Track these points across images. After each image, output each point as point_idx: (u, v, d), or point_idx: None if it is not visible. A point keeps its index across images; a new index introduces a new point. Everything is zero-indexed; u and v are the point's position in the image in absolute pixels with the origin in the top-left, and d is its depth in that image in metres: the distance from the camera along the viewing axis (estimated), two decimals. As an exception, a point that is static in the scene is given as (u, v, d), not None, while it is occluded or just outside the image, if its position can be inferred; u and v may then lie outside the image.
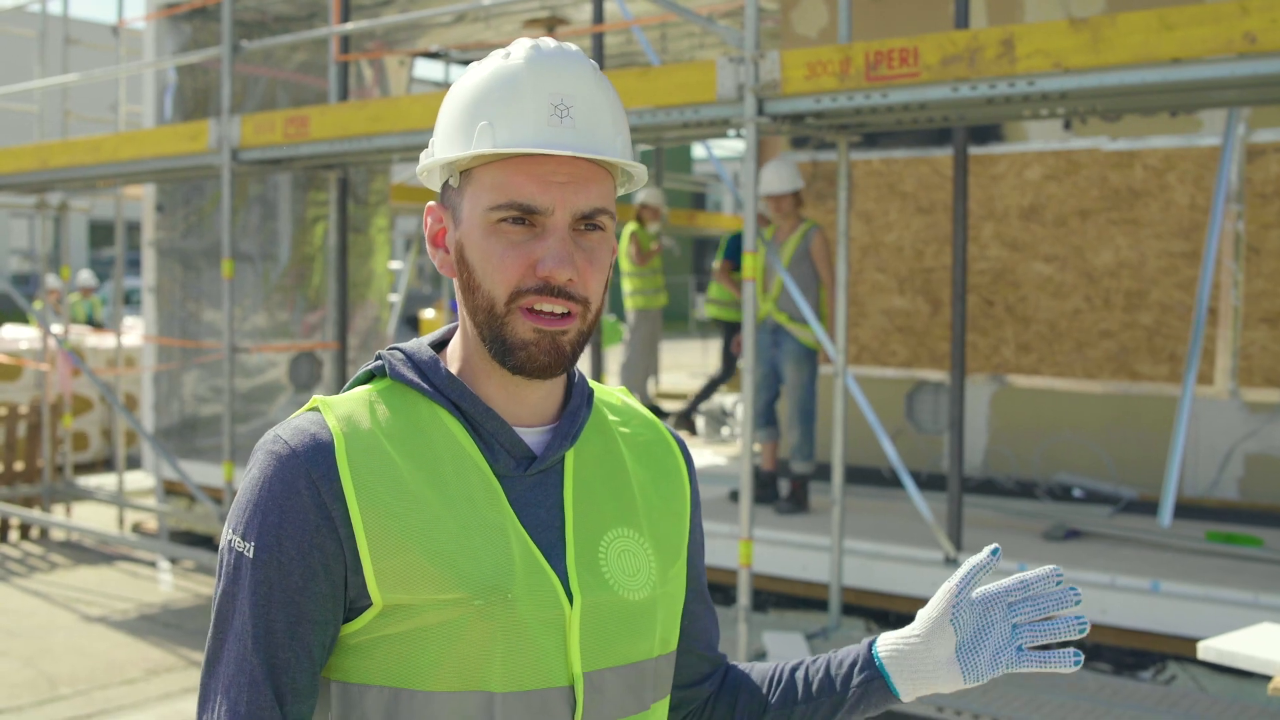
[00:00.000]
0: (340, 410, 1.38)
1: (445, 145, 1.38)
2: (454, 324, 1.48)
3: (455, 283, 1.42)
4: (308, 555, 1.32)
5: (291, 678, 1.32)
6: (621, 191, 1.44)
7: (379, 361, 1.45)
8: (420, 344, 1.46)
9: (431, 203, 1.44)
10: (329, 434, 1.35)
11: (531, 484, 1.40)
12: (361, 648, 1.34)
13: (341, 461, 1.33)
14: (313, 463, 1.33)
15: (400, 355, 1.44)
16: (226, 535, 1.36)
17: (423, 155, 1.44)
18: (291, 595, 1.32)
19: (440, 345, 1.48)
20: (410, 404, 1.40)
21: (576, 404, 1.46)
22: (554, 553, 1.38)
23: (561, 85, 1.35)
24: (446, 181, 1.42)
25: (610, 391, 1.56)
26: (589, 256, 1.36)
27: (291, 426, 1.37)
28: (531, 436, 1.42)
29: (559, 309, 1.35)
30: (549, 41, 1.38)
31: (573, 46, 1.38)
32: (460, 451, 1.38)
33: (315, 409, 1.39)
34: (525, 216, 1.34)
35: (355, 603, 1.34)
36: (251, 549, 1.32)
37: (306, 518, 1.32)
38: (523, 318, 1.34)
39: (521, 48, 1.37)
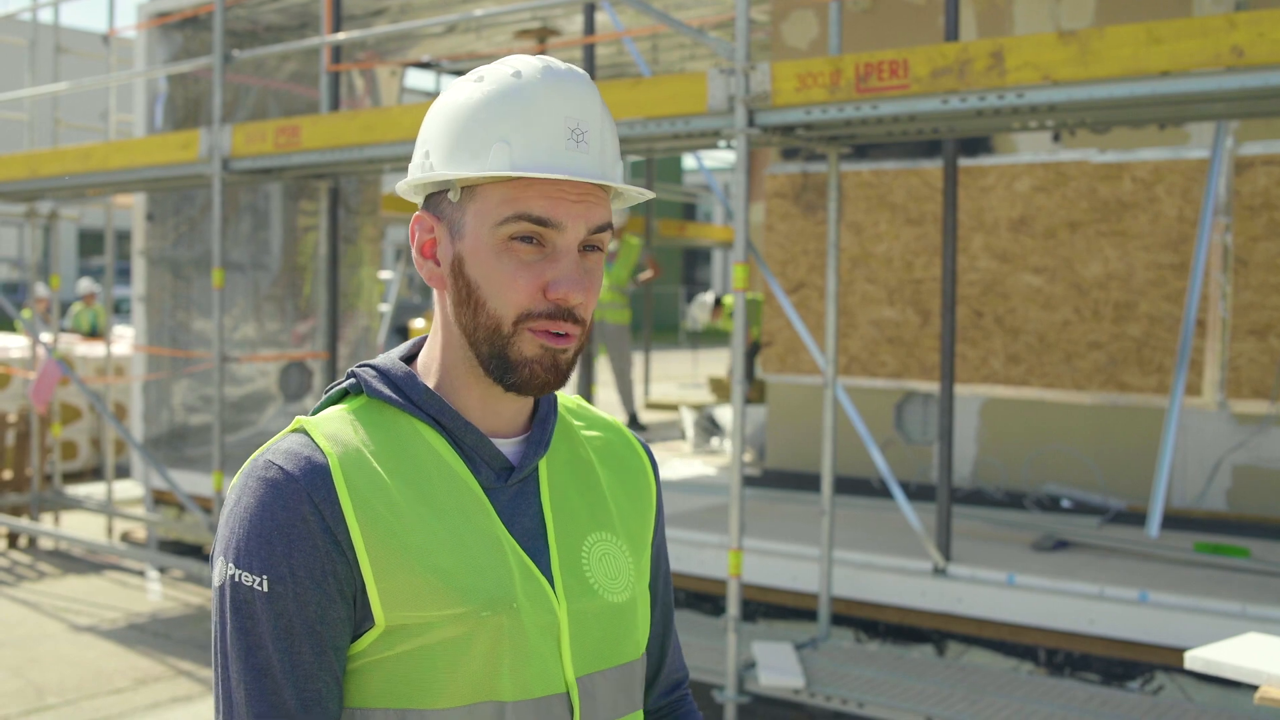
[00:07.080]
0: (326, 430, 1.35)
1: (449, 161, 1.35)
2: (420, 338, 1.47)
3: (443, 295, 1.40)
4: (323, 583, 1.28)
5: (325, 708, 1.30)
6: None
7: (351, 380, 1.42)
8: (392, 359, 1.44)
9: (419, 212, 1.41)
10: (322, 455, 1.32)
11: (513, 494, 1.40)
12: (363, 671, 1.32)
13: (339, 482, 1.30)
14: (312, 486, 1.30)
15: (373, 371, 1.42)
16: (226, 570, 1.30)
17: (415, 168, 1.40)
18: (312, 625, 1.28)
19: (408, 359, 1.46)
20: (389, 420, 1.38)
21: (545, 411, 1.46)
22: (542, 561, 1.38)
23: (576, 109, 1.35)
24: (441, 194, 1.39)
25: (567, 396, 1.57)
26: (590, 278, 1.36)
27: (282, 450, 1.33)
28: (506, 447, 1.42)
29: (563, 331, 1.34)
30: (557, 62, 1.38)
31: (579, 69, 1.38)
32: (445, 466, 1.37)
33: (300, 430, 1.36)
34: (536, 233, 1.32)
35: (358, 625, 1.31)
36: (265, 582, 1.28)
37: (315, 544, 1.28)
38: (530, 335, 1.34)
39: (531, 67, 1.35)
